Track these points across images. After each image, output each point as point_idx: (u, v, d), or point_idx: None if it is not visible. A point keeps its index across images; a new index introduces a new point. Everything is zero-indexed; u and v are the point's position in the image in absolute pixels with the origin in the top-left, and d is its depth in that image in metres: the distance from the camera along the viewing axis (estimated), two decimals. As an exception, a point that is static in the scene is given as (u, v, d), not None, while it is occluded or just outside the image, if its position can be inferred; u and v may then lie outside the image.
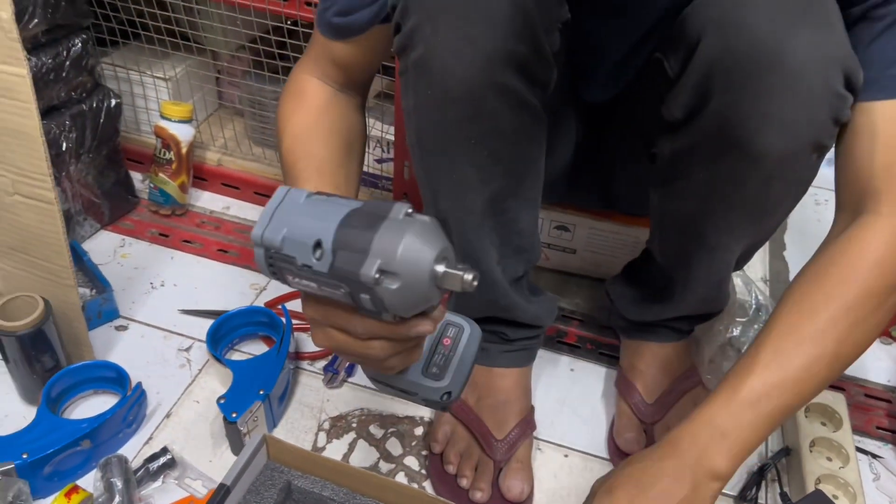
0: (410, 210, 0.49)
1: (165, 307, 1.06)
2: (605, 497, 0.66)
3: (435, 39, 0.62)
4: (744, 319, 1.01)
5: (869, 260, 0.64)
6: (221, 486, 0.72)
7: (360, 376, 0.99)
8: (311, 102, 0.77)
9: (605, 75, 0.86)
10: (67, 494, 0.78)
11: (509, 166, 0.72)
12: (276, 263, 0.52)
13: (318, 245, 0.49)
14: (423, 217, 0.49)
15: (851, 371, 1.03)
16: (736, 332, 0.99)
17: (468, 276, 0.47)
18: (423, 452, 0.90)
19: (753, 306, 1.03)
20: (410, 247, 0.46)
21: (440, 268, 0.47)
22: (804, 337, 0.64)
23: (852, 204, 0.67)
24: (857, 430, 0.95)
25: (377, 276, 0.46)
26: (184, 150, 1.17)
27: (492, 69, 0.62)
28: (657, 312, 0.92)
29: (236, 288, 1.10)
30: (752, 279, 1.08)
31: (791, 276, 1.19)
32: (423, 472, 0.88)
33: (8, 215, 0.88)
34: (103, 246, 1.15)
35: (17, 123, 0.81)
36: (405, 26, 0.64)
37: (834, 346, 0.63)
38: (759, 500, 0.86)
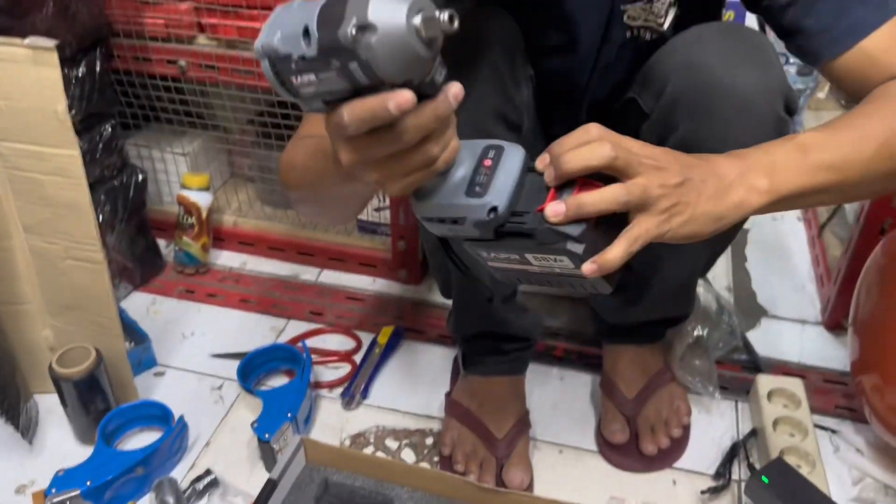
0: None
1: (197, 353, 1.20)
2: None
3: None
4: (709, 322, 1.14)
5: None
6: (269, 481, 0.84)
7: (374, 397, 1.11)
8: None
9: (570, 118, 1.01)
10: (129, 512, 0.90)
11: None
12: (278, 69, 0.53)
13: (306, 32, 0.49)
14: None
15: (811, 360, 1.16)
16: (703, 332, 1.12)
17: (444, 17, 0.48)
18: (435, 458, 1.02)
19: (715, 309, 1.16)
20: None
21: (416, 18, 0.47)
22: (857, 129, 0.67)
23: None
24: (818, 411, 1.07)
25: (353, 32, 0.47)
26: (204, 215, 1.32)
27: (474, 118, 0.77)
28: (634, 315, 1.04)
29: (259, 332, 1.24)
30: (715, 288, 1.21)
31: (753, 285, 1.32)
32: (436, 475, 1.00)
33: (62, 278, 1.02)
34: (137, 305, 1.29)
35: (70, 198, 0.95)
36: None
37: (880, 146, 0.66)
38: (733, 476, 0.98)
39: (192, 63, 1.22)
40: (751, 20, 1.35)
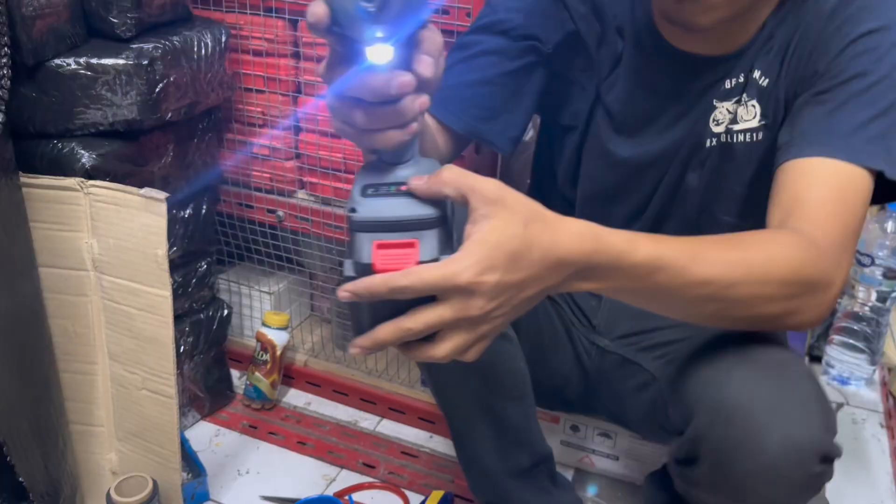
0: None
1: (248, 493, 1.21)
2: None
3: None
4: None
5: (782, 247, 0.68)
6: None
7: (414, 567, 1.08)
8: None
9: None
10: None
11: (484, 369, 0.86)
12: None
13: None
14: None
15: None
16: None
17: None
18: None
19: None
20: None
21: None
22: (708, 250, 0.66)
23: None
24: None
25: None
26: (279, 353, 1.37)
27: None
28: None
29: (310, 478, 1.25)
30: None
31: (828, 493, 1.24)
32: None
33: (135, 406, 1.07)
34: (201, 435, 1.33)
35: (154, 332, 1.02)
36: None
37: (727, 275, 0.65)
38: None
39: (289, 213, 1.32)
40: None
